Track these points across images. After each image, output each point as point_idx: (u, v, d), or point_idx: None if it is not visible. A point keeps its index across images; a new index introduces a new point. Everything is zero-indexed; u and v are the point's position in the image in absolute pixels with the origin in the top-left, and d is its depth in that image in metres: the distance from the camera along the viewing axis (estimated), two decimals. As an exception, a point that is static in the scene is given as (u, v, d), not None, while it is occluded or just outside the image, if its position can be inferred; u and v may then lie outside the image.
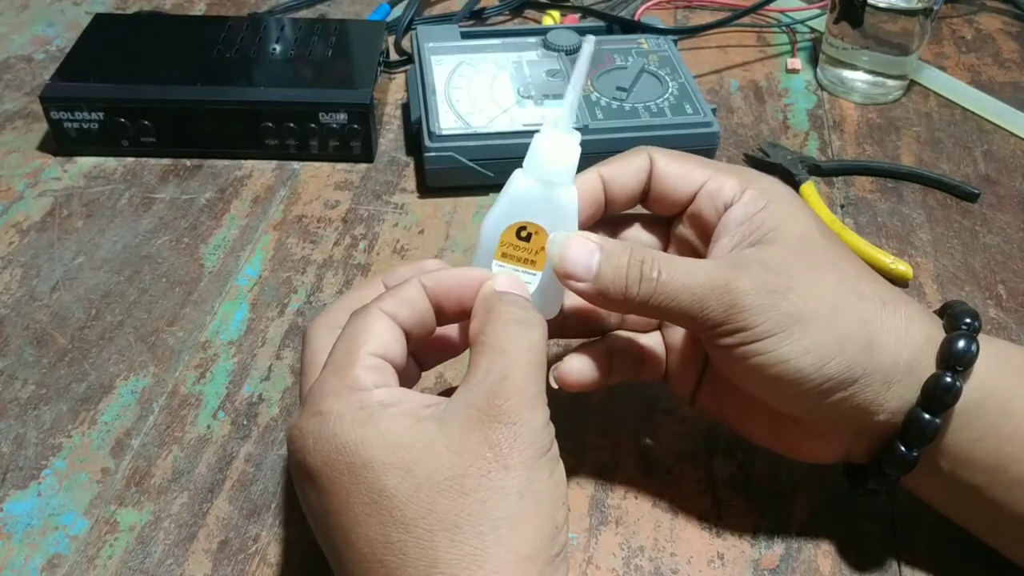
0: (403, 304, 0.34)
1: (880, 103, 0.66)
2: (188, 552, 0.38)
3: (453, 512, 0.29)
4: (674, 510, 0.40)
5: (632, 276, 0.34)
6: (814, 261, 0.36)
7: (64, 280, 0.50)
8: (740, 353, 0.34)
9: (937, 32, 0.74)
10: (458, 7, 0.73)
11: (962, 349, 0.34)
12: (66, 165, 0.58)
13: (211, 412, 0.44)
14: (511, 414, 0.30)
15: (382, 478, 0.29)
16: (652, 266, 0.34)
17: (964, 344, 0.34)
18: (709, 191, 0.38)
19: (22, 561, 0.38)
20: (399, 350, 0.33)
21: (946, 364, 0.34)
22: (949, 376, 0.34)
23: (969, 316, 0.36)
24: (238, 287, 0.50)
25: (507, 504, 0.29)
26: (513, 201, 0.35)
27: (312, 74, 0.59)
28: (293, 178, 0.58)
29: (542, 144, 0.35)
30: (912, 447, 0.35)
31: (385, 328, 0.33)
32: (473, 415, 0.30)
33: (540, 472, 0.30)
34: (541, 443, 0.31)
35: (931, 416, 0.34)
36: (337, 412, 0.30)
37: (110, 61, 0.59)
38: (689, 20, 0.74)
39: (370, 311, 0.33)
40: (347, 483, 0.30)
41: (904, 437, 0.35)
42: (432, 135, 0.55)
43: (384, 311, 0.33)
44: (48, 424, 0.43)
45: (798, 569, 0.38)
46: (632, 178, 0.39)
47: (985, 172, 0.60)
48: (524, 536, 0.29)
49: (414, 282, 0.34)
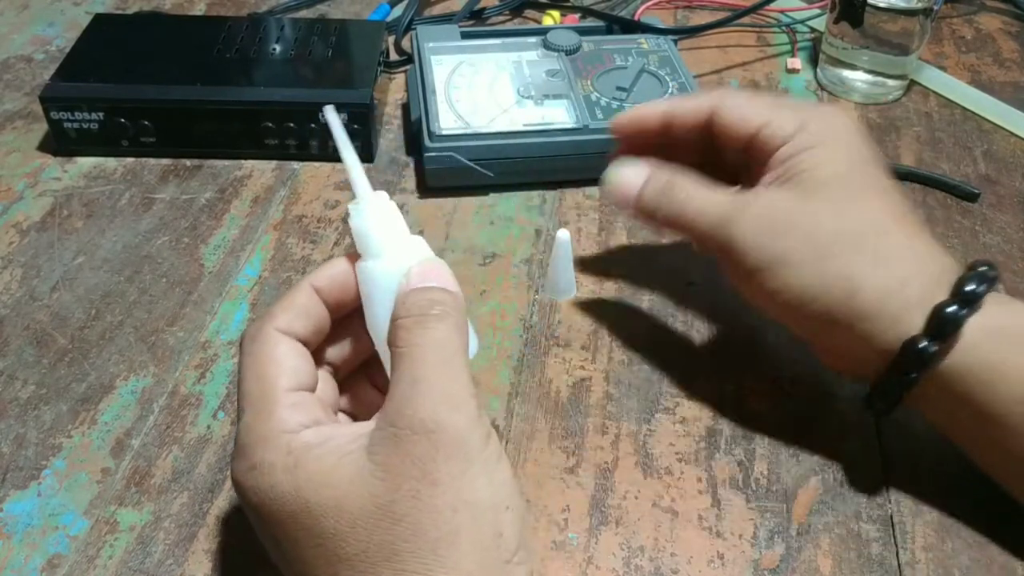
0: (297, 316, 0.33)
1: (880, 103, 0.66)
2: (188, 552, 0.38)
3: (390, 542, 0.28)
4: (674, 510, 0.40)
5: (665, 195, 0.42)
6: (829, 208, 0.39)
7: (64, 280, 0.50)
8: (736, 280, 0.41)
9: (937, 32, 0.74)
10: (458, 7, 0.73)
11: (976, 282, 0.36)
12: (66, 165, 0.58)
13: (211, 412, 0.44)
14: (426, 422, 0.29)
15: (320, 521, 0.29)
16: (681, 188, 0.41)
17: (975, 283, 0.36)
18: (767, 134, 0.41)
19: (22, 561, 0.38)
20: (308, 371, 0.33)
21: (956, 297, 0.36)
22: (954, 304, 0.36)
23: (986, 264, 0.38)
24: (238, 287, 0.50)
25: (441, 522, 0.28)
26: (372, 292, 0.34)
27: (312, 74, 0.59)
28: (293, 178, 0.58)
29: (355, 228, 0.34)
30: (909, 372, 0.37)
31: (288, 352, 0.32)
32: (391, 433, 0.29)
33: (473, 480, 0.29)
34: (469, 446, 0.29)
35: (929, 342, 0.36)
36: (269, 463, 0.30)
37: (110, 61, 0.59)
38: (689, 20, 0.74)
39: (268, 334, 0.32)
40: (292, 530, 0.30)
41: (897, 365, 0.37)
42: (432, 135, 0.55)
43: (280, 330, 0.33)
44: (48, 424, 0.43)
45: (798, 569, 0.38)
46: (692, 114, 0.44)
47: (985, 172, 0.60)
48: (464, 552, 0.28)
49: (303, 287, 0.34)
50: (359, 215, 0.34)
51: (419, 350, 0.31)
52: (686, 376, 0.46)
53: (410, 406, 0.29)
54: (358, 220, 0.34)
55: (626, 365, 0.46)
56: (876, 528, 0.40)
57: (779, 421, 0.44)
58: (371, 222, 0.34)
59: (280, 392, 0.31)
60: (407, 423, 0.29)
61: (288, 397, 0.31)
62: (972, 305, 0.36)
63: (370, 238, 0.34)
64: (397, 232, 0.34)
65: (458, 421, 0.29)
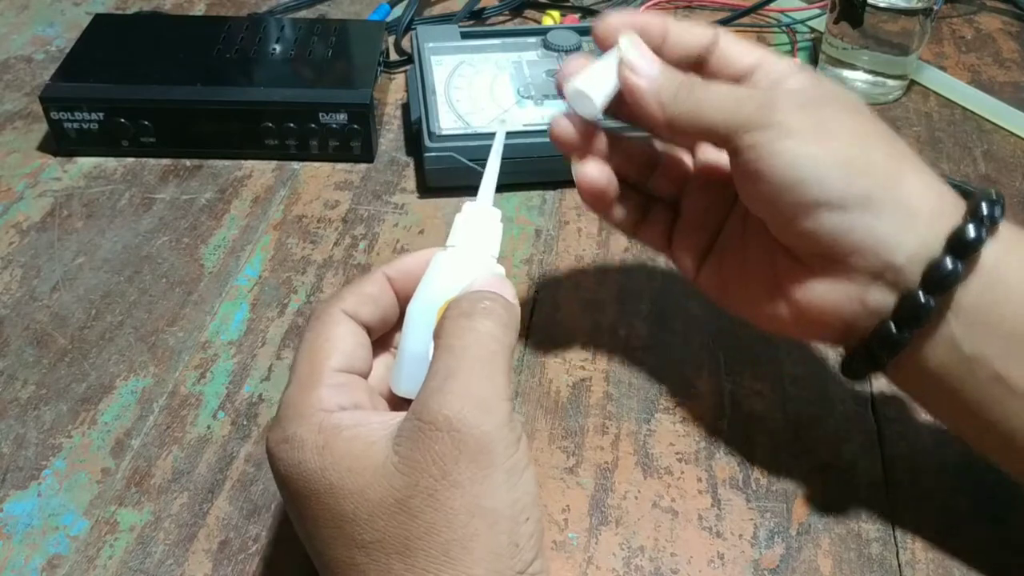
0: (365, 302, 0.33)
1: (880, 103, 0.66)
2: (188, 552, 0.38)
3: (403, 536, 0.28)
4: (674, 510, 0.40)
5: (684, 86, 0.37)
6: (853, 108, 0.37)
7: (64, 280, 0.50)
8: (757, 153, 0.35)
9: (937, 32, 0.74)
10: (458, 7, 0.73)
11: (988, 209, 0.34)
12: (66, 165, 0.58)
13: (211, 412, 0.44)
14: (453, 421, 0.28)
15: (342, 503, 0.29)
16: (699, 82, 0.37)
17: (988, 206, 0.34)
18: (765, 69, 0.38)
19: (22, 561, 0.38)
20: (363, 356, 0.33)
21: (973, 216, 0.34)
22: (974, 225, 0.33)
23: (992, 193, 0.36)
24: (238, 287, 0.50)
25: (456, 526, 0.28)
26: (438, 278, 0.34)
27: (312, 74, 0.59)
28: (293, 178, 0.58)
29: (465, 222, 0.35)
30: (932, 292, 0.34)
31: (347, 333, 0.33)
32: (418, 427, 0.29)
33: (494, 488, 0.28)
34: (494, 451, 0.29)
35: (954, 260, 0.33)
36: (300, 438, 0.30)
37: (110, 61, 0.59)
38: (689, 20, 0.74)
39: (331, 314, 0.33)
40: (315, 508, 0.30)
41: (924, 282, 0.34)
42: (432, 135, 0.55)
43: (346, 312, 0.33)
44: (48, 424, 0.43)
45: (798, 569, 0.38)
46: (692, 40, 0.40)
47: (985, 172, 0.60)
48: (476, 558, 0.28)
49: (376, 276, 0.34)
50: (468, 212, 0.35)
51: (459, 344, 0.30)
52: (686, 376, 0.46)
53: (438, 401, 0.29)
54: (464, 216, 0.35)
55: (626, 365, 0.46)
56: (876, 528, 0.40)
57: (779, 421, 0.44)
58: (473, 223, 0.35)
59: (326, 370, 0.32)
60: (432, 418, 0.29)
61: (333, 377, 0.32)
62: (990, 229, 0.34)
63: (463, 234, 0.35)
64: (488, 244, 0.35)
65: (485, 423, 0.29)
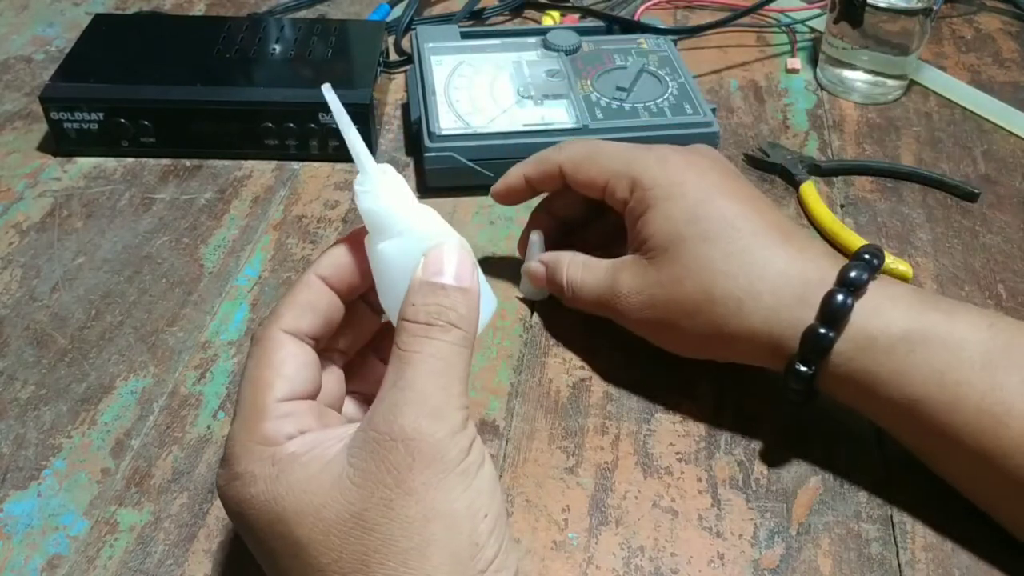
0: (302, 313, 0.33)
1: (880, 103, 0.66)
2: (188, 552, 0.38)
3: (361, 552, 0.28)
4: (674, 510, 0.40)
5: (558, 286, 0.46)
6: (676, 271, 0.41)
7: (64, 280, 0.50)
8: None
9: (937, 32, 0.74)
10: (458, 7, 0.73)
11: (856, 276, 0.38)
12: (66, 165, 0.58)
13: (211, 412, 0.44)
14: (406, 429, 0.28)
15: (295, 530, 0.29)
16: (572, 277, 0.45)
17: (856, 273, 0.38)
18: (610, 197, 0.44)
19: (22, 561, 0.38)
20: (308, 376, 0.32)
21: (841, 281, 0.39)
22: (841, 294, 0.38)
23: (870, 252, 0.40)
24: (238, 287, 0.50)
25: (412, 533, 0.28)
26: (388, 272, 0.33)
27: (312, 74, 0.59)
28: (293, 178, 0.58)
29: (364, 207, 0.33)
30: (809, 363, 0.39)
31: (289, 356, 0.32)
32: (373, 437, 0.29)
33: (449, 490, 0.29)
34: (447, 457, 0.29)
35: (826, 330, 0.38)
36: (251, 474, 0.30)
37: (110, 61, 0.59)
38: (689, 20, 0.74)
39: (271, 338, 0.32)
40: (270, 540, 0.30)
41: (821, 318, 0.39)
42: (432, 135, 0.55)
43: (286, 331, 0.32)
44: (48, 424, 0.43)
45: (798, 569, 0.38)
46: (548, 182, 0.46)
47: (985, 172, 0.60)
48: (435, 564, 0.28)
49: (309, 279, 0.33)
50: (366, 193, 0.33)
51: (417, 357, 0.30)
52: (686, 376, 0.46)
53: (392, 411, 0.29)
54: (366, 199, 0.33)
55: (626, 365, 0.46)
56: (876, 528, 0.40)
57: (779, 421, 0.44)
58: (380, 199, 0.33)
59: (270, 403, 0.31)
60: (387, 428, 0.29)
61: (278, 408, 0.31)
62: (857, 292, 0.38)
63: (381, 216, 0.33)
64: (408, 207, 0.33)
65: (437, 431, 0.29)
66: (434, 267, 0.32)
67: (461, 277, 0.32)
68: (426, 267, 0.32)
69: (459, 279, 0.32)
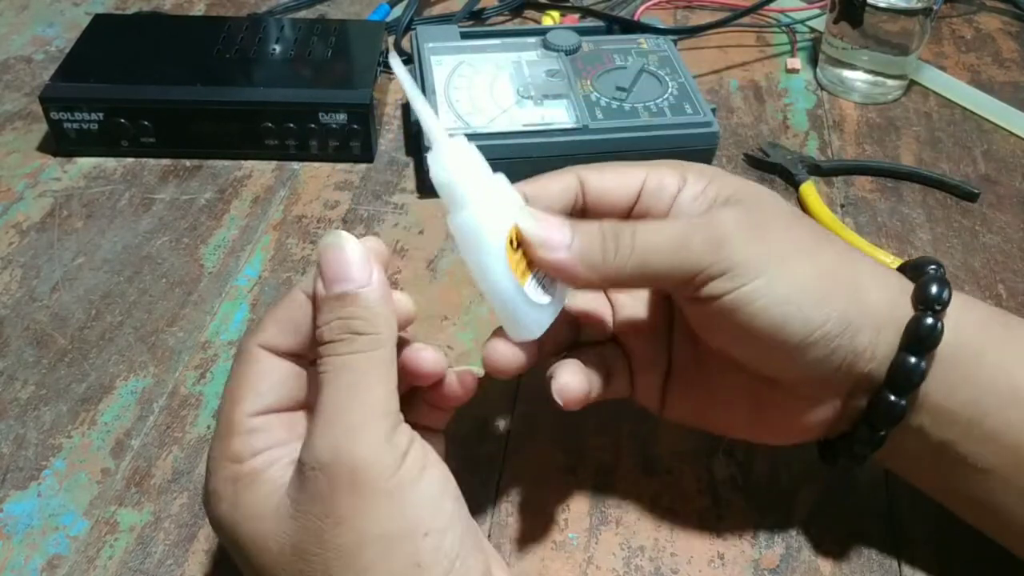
0: (284, 330, 0.31)
1: (880, 103, 0.66)
2: (188, 552, 0.38)
3: None
4: (674, 510, 0.40)
5: (609, 238, 0.32)
6: (781, 211, 0.35)
7: (64, 280, 0.50)
8: (731, 301, 0.32)
9: (937, 32, 0.74)
10: (458, 7, 0.73)
11: (937, 291, 0.34)
12: (66, 165, 0.58)
13: (211, 412, 0.44)
14: (323, 457, 0.28)
15: (253, 555, 0.29)
16: (625, 227, 0.32)
17: (937, 288, 0.34)
18: (651, 188, 0.35)
19: (22, 561, 0.38)
20: (284, 392, 0.31)
21: (924, 305, 0.34)
22: (930, 316, 0.33)
23: (932, 263, 0.36)
24: (238, 287, 0.50)
25: (349, 562, 0.27)
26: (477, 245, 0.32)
27: (312, 74, 0.59)
28: (293, 178, 0.58)
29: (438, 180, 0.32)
30: (900, 394, 0.34)
31: (265, 371, 0.31)
32: (299, 468, 0.28)
33: (379, 511, 0.28)
34: (371, 477, 0.28)
35: (917, 359, 0.33)
36: (217, 493, 0.30)
37: (110, 61, 0.59)
38: (689, 20, 0.74)
39: (248, 352, 0.31)
40: (239, 559, 0.30)
41: (891, 385, 0.34)
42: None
43: (264, 346, 0.31)
44: (48, 424, 0.43)
45: (798, 569, 0.38)
46: (558, 198, 0.35)
47: (985, 172, 0.60)
48: None
49: (295, 296, 0.32)
50: (440, 165, 0.32)
51: (327, 377, 0.29)
52: (686, 376, 0.46)
53: (311, 440, 0.28)
54: (440, 171, 0.32)
55: (626, 365, 0.46)
56: (876, 528, 0.40)
57: (779, 421, 0.44)
58: (454, 171, 0.32)
59: (240, 417, 0.30)
60: (307, 458, 0.28)
61: (248, 423, 0.30)
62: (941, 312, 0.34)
63: (457, 188, 0.32)
64: (477, 178, 0.32)
65: (356, 451, 0.28)
66: (332, 274, 0.30)
67: (358, 276, 0.30)
68: (325, 278, 0.30)
69: (356, 280, 0.30)
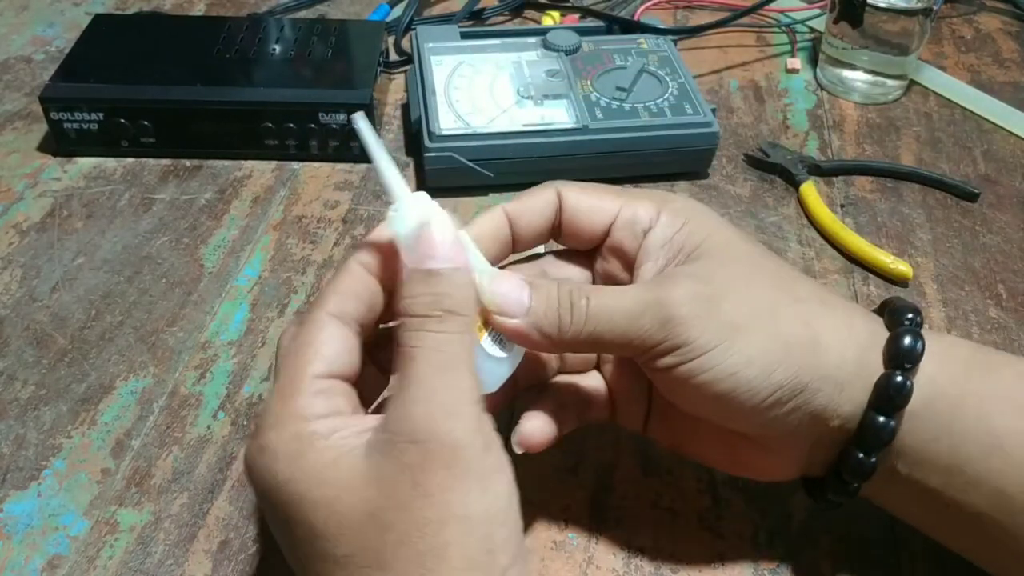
0: (347, 299, 0.32)
1: (880, 103, 0.66)
2: (188, 552, 0.38)
3: (378, 549, 0.28)
4: (674, 510, 0.40)
5: (564, 307, 0.33)
6: (744, 268, 0.35)
7: (64, 280, 0.50)
8: (682, 373, 0.32)
9: (937, 32, 0.74)
10: (458, 7, 0.73)
11: (908, 345, 0.33)
12: (66, 166, 0.58)
13: (211, 412, 0.44)
14: (418, 432, 0.28)
15: (311, 516, 0.29)
16: (580, 294, 0.33)
17: (910, 340, 0.33)
18: (625, 220, 0.36)
19: (22, 562, 0.38)
20: (348, 360, 0.32)
21: (894, 362, 0.33)
22: (899, 375, 0.33)
23: (911, 311, 0.35)
24: (238, 287, 0.50)
25: (429, 535, 0.28)
26: None
27: (312, 74, 0.59)
28: (293, 178, 0.58)
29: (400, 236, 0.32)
30: (869, 452, 0.34)
31: (332, 337, 0.31)
32: (386, 438, 0.28)
33: (466, 493, 0.28)
34: (464, 459, 0.28)
35: (886, 418, 0.33)
36: (273, 448, 0.30)
37: (110, 61, 0.59)
38: (689, 20, 0.74)
39: (314, 319, 0.32)
40: (290, 520, 0.29)
41: (860, 443, 0.34)
42: (432, 135, 0.55)
43: (331, 314, 0.32)
44: (48, 424, 0.43)
45: (798, 569, 0.38)
46: (539, 214, 0.36)
47: (985, 172, 0.60)
48: (452, 566, 0.28)
49: (353, 268, 0.32)
50: (402, 221, 0.32)
51: (420, 352, 0.29)
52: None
53: (405, 412, 0.28)
54: (402, 227, 0.32)
55: (626, 365, 0.46)
56: (876, 528, 0.40)
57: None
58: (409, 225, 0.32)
59: (307, 377, 0.30)
60: (400, 429, 0.28)
61: (315, 384, 0.30)
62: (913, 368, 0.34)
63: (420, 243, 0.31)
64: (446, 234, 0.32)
65: (453, 430, 0.28)
66: (424, 250, 0.31)
67: (451, 256, 0.31)
68: (417, 252, 0.31)
69: (450, 258, 0.31)
